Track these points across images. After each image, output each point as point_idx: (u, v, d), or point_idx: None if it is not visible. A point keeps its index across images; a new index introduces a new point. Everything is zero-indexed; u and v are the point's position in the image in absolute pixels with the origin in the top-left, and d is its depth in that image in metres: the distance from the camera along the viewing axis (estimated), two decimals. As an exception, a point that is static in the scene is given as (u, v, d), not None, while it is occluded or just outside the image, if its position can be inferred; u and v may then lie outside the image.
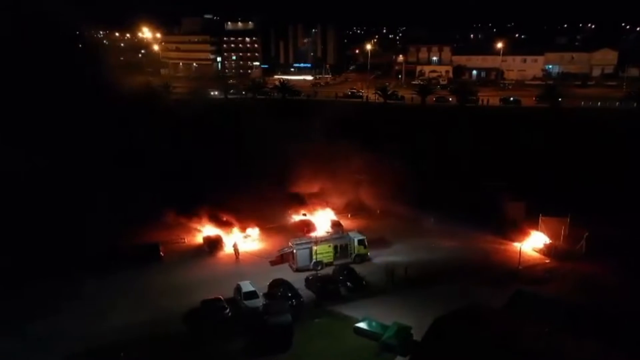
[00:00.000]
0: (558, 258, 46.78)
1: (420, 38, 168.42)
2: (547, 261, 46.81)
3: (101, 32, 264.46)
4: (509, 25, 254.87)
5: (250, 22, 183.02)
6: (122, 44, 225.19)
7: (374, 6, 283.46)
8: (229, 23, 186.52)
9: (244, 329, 34.88)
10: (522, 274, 43.62)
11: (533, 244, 49.34)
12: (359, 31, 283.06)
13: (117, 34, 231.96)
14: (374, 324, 34.61)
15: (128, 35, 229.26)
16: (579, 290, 39.99)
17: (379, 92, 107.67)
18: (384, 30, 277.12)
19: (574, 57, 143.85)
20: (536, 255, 48.13)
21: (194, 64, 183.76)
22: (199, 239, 51.46)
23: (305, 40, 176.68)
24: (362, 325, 34.73)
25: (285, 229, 53.18)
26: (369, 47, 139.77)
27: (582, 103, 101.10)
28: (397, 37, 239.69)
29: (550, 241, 48.55)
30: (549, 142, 73.31)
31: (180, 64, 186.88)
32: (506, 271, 44.30)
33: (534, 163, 67.37)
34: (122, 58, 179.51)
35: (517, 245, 48.21)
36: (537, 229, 50.38)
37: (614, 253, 45.88)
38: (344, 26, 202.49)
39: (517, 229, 50.85)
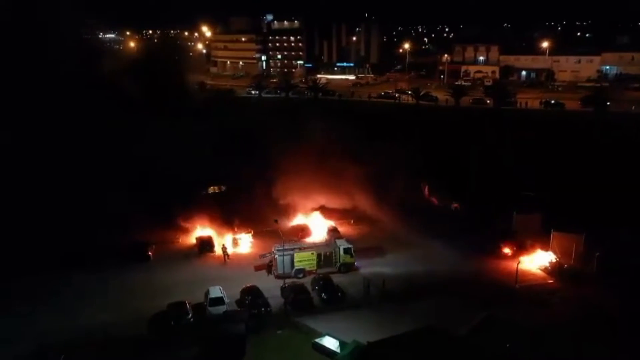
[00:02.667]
0: (563, 279, 42.79)
1: (471, 37, 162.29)
2: (551, 281, 42.88)
3: (172, 32, 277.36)
4: (582, 23, 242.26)
5: (295, 21, 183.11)
6: (190, 43, 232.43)
7: (437, 4, 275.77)
8: (275, 22, 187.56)
9: (201, 336, 33.91)
10: (517, 294, 40.12)
11: (539, 261, 45.45)
12: (420, 29, 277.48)
13: (186, 34, 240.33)
14: (333, 340, 32.71)
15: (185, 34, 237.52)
16: (572, 317, 36.24)
17: (411, 92, 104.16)
18: (447, 29, 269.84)
19: (634, 57, 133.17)
20: (541, 274, 44.31)
21: (241, 63, 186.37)
22: (193, 239, 51.15)
23: (354, 39, 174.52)
24: (320, 341, 32.95)
25: (280, 233, 51.85)
26: (407, 46, 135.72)
27: (633, 108, 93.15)
28: (450, 36, 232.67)
29: (557, 259, 44.60)
30: (581, 150, 68.06)
31: (228, 62, 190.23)
32: (501, 290, 40.90)
33: (560, 172, 62.75)
34: (176, 57, 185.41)
35: (523, 261, 45.04)
36: (549, 245, 46.62)
37: (631, 277, 41.33)
38: (392, 25, 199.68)
39: (527, 244, 47.19)
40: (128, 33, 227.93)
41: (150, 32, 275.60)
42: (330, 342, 32.59)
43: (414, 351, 24.95)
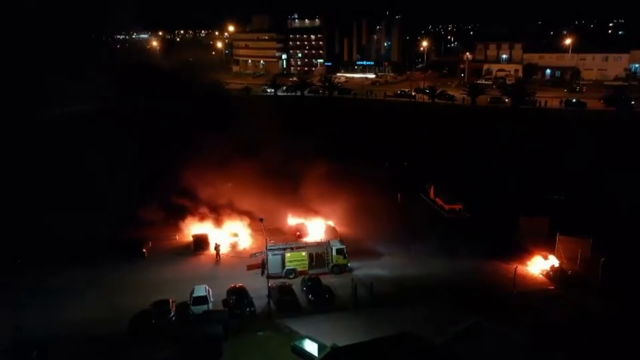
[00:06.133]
0: (565, 285, 40.81)
1: (494, 35, 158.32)
2: (551, 288, 40.98)
3: (202, 32, 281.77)
4: (617, 21, 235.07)
5: (316, 20, 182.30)
6: (211, 42, 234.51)
7: (467, 2, 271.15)
8: (296, 20, 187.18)
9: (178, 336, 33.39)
10: (513, 301, 38.41)
11: (541, 266, 43.58)
12: (450, 28, 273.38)
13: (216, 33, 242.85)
14: (312, 343, 31.75)
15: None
16: (565, 327, 34.31)
17: (426, 91, 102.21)
18: (477, 27, 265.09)
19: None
20: (542, 279, 42.44)
21: (261, 61, 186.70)
22: (190, 237, 50.84)
23: (374, 37, 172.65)
24: (299, 344, 32.07)
25: (281, 232, 51.15)
26: (425, 43, 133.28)
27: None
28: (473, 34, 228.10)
29: (559, 264, 42.63)
30: (598, 151, 65.47)
31: (249, 61, 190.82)
32: (497, 296, 39.28)
33: (572, 175, 60.50)
34: (190, 59, 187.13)
35: (527, 264, 43.52)
36: (554, 249, 44.78)
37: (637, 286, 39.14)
38: (419, 23, 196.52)
39: (531, 247, 45.40)
40: (160, 33, 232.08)
41: (182, 32, 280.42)
42: (309, 345, 31.68)
43: (383, 358, 23.87)
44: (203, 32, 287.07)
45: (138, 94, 62.31)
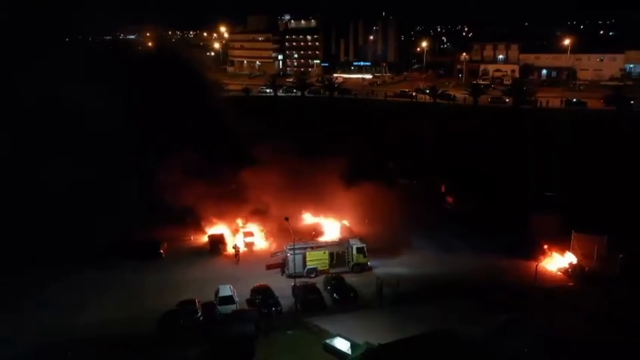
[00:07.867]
0: (584, 281, 41.31)
1: (490, 35, 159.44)
2: (570, 284, 41.46)
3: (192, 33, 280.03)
4: (606, 22, 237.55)
5: (312, 20, 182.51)
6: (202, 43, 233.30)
7: (457, 3, 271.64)
8: (292, 21, 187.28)
9: (209, 335, 33.35)
10: (535, 297, 38.71)
11: (558, 263, 44.09)
12: (439, 28, 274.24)
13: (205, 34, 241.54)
14: (344, 342, 31.86)
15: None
16: (586, 322, 34.69)
17: (428, 91, 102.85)
18: (466, 28, 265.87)
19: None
20: (560, 276, 42.94)
21: (257, 62, 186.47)
22: (205, 237, 50.69)
23: (371, 38, 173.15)
24: (331, 342, 32.13)
25: (291, 231, 50.97)
26: (424, 44, 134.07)
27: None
28: (469, 35, 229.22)
29: (577, 261, 43.14)
30: (603, 149, 66.28)
31: (245, 61, 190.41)
32: (519, 292, 39.53)
33: (582, 172, 61.11)
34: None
35: (542, 263, 43.89)
36: (569, 246, 45.24)
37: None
38: (411, 24, 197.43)
39: (545, 245, 45.80)
40: (148, 34, 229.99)
41: (170, 32, 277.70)
42: (341, 344, 31.73)
43: (429, 355, 24.03)
44: (192, 32, 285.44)
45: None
